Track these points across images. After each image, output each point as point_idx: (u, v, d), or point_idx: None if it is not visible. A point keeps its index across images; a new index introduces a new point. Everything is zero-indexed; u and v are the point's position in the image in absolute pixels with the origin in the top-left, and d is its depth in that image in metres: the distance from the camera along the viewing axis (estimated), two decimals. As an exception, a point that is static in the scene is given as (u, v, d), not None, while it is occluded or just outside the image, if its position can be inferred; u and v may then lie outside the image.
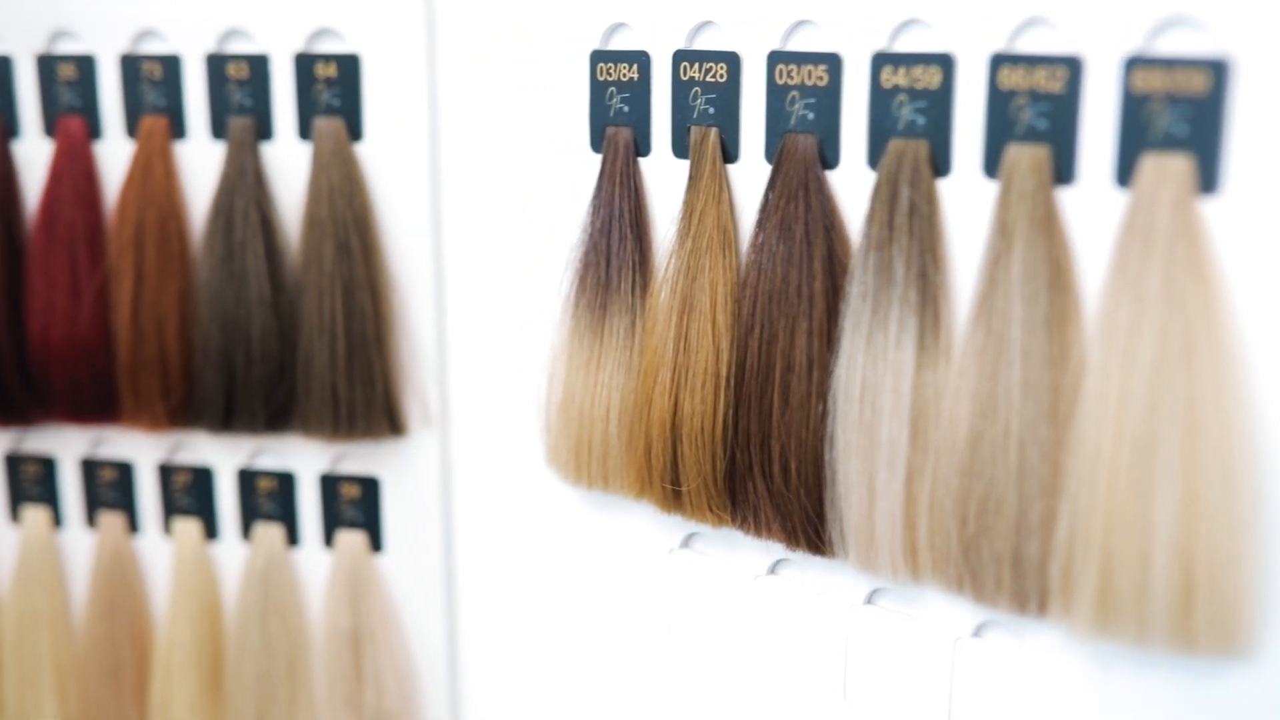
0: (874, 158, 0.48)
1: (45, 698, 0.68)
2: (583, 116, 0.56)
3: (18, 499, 0.69)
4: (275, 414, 0.63)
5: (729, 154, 0.52)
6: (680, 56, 0.53)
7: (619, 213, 0.55)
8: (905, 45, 0.47)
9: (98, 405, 0.64)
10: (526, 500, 0.62)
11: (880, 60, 0.47)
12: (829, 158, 0.49)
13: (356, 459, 0.65)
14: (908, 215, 0.47)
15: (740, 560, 0.55)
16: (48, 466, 0.68)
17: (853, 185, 0.49)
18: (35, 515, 0.68)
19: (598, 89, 0.55)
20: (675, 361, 0.52)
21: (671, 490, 0.53)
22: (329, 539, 0.66)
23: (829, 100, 0.49)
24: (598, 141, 0.56)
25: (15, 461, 0.68)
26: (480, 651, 0.66)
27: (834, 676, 0.53)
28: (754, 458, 0.51)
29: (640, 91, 0.54)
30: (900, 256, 0.47)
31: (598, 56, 0.55)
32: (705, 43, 0.52)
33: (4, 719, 0.69)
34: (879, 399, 0.47)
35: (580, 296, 0.56)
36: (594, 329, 0.55)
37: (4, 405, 0.65)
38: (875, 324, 0.47)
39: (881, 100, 0.48)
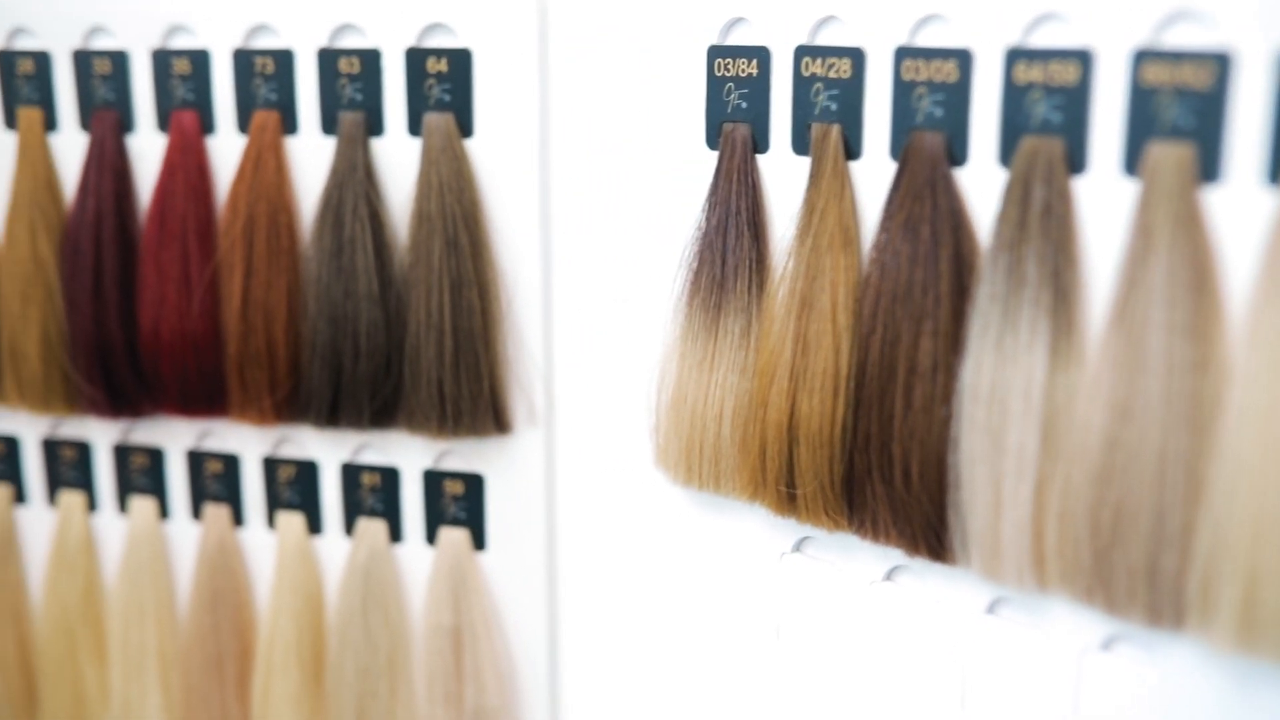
0: (1005, 155, 0.47)
1: (149, 687, 0.69)
2: (699, 112, 0.55)
3: (126, 490, 0.69)
4: (381, 409, 0.63)
5: (851, 151, 0.51)
6: (802, 52, 0.52)
7: (736, 210, 0.54)
8: (1040, 40, 0.46)
9: (206, 398, 0.65)
10: (632, 500, 0.62)
11: (1014, 56, 0.46)
12: (957, 155, 0.48)
13: (461, 456, 0.65)
14: (1041, 214, 0.45)
15: (855, 566, 0.54)
16: (155, 458, 0.69)
17: (982, 184, 0.48)
18: (142, 506, 0.69)
19: (715, 84, 0.54)
20: (793, 362, 0.51)
21: (786, 493, 0.52)
22: (431, 535, 0.66)
23: (958, 96, 0.48)
24: (714, 138, 0.55)
25: (124, 452, 0.69)
26: (581, 652, 0.65)
27: (952, 689, 0.51)
28: (874, 461, 0.50)
29: (759, 87, 0.53)
30: (1032, 257, 0.45)
31: (715, 52, 0.54)
32: (828, 38, 0.51)
33: (109, 707, 0.70)
34: (1008, 403, 0.46)
35: (694, 295, 0.55)
36: (708, 328, 0.54)
37: (114, 396, 0.66)
38: (1005, 326, 0.46)
39: (1014, 96, 0.46)
